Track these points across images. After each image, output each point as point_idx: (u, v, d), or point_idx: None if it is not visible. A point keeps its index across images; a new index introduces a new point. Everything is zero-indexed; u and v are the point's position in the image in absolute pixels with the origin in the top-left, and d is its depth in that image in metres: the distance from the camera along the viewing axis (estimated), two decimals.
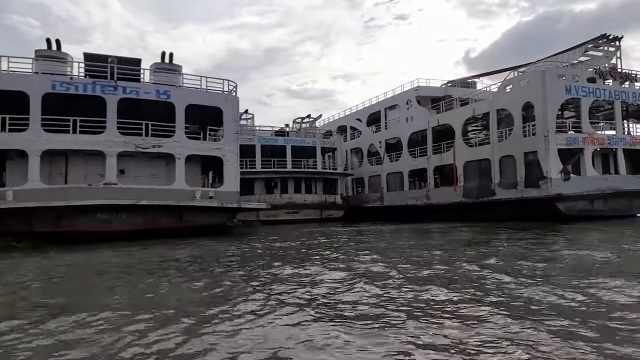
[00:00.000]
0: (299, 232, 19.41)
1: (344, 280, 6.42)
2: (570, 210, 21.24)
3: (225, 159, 19.64)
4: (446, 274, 6.78)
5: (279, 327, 4.14)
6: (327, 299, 5.25)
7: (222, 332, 3.96)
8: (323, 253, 10.38)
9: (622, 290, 5.20)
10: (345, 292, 5.61)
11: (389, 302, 4.98)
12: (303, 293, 5.58)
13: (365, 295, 5.37)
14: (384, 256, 9.24)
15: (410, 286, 5.82)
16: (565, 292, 5.19)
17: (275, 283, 6.44)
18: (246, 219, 28.54)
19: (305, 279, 6.66)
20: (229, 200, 19.23)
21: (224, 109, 19.75)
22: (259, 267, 8.39)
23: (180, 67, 22.01)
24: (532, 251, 9.52)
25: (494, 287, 5.66)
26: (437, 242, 13.13)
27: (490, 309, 4.52)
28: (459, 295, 5.22)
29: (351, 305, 4.89)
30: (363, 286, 5.93)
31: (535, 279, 6.04)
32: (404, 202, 31.14)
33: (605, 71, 23.47)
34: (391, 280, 6.35)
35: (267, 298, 5.34)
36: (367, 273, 7.03)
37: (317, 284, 6.23)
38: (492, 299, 4.96)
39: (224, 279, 6.97)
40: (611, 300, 4.81)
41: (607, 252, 8.54)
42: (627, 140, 23.86)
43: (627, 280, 5.74)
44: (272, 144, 32.61)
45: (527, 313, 4.34)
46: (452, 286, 5.73)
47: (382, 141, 34.56)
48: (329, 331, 3.91)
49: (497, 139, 24.53)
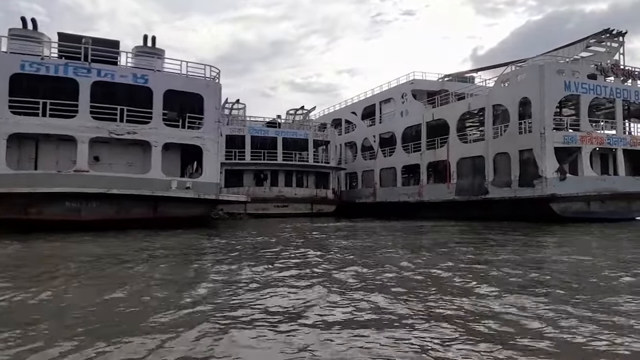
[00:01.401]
0: (282, 227, 18.59)
1: (278, 284, 5.60)
2: (565, 212, 20.37)
3: (205, 148, 18.77)
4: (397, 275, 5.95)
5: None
6: (247, 304, 4.43)
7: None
8: (284, 252, 9.55)
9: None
10: (273, 298, 4.78)
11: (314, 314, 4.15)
12: (229, 295, 4.77)
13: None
14: (342, 261, 8.40)
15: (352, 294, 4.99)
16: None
17: (201, 284, 5.62)
18: (233, 211, 27.86)
19: (240, 279, 5.84)
20: (208, 192, 18.39)
21: (205, 96, 18.86)
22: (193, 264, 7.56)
23: (162, 51, 21.13)
24: (494, 255, 8.65)
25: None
26: (404, 243, 12.29)
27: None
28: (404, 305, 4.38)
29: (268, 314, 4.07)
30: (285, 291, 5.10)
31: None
32: (397, 199, 30.30)
33: (607, 68, 22.49)
34: (341, 290, 5.51)
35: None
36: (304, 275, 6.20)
37: (246, 286, 5.41)
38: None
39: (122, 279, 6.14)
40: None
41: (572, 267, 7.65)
42: (627, 141, 22.91)
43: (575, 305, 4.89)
44: (262, 135, 31.75)
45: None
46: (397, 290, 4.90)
47: (376, 135, 33.65)
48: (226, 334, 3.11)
49: (492, 135, 23.61)
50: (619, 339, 3.44)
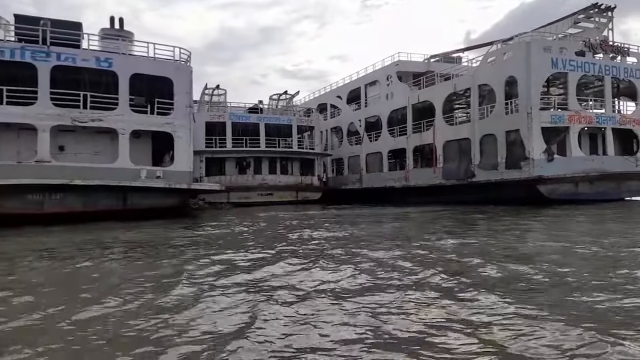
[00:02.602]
0: (258, 217, 17.82)
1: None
2: (552, 194, 19.75)
3: (176, 135, 17.87)
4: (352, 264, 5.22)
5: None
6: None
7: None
8: (247, 243, 8.78)
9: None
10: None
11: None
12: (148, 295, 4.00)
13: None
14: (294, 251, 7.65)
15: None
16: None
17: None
18: (215, 201, 27.02)
19: (177, 277, 5.07)
20: (181, 181, 17.53)
21: (174, 79, 17.89)
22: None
23: (131, 34, 20.17)
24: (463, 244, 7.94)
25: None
26: (374, 232, 11.57)
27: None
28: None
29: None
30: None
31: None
32: (383, 184, 29.58)
33: (596, 44, 21.68)
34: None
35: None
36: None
37: (172, 287, 4.64)
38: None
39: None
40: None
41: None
42: (616, 119, 22.23)
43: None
44: (244, 122, 30.76)
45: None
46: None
47: (362, 120, 32.76)
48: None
49: (478, 116, 22.85)
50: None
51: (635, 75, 22.65)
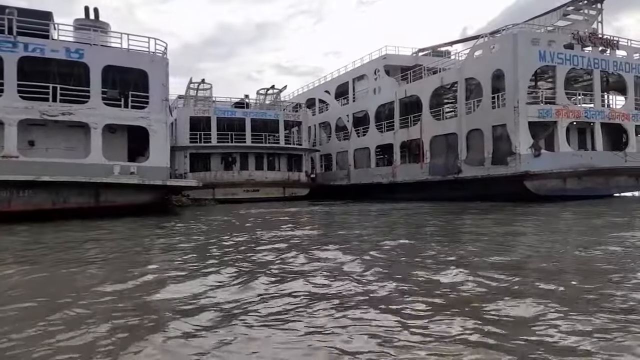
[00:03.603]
0: (238, 214, 17.32)
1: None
2: (540, 190, 19.31)
3: (151, 129, 17.27)
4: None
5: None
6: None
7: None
8: (197, 245, 8.26)
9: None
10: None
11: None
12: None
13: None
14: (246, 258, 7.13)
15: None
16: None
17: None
18: (200, 197, 26.44)
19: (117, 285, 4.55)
20: (156, 177, 16.95)
21: (150, 72, 17.29)
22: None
23: (107, 24, 19.51)
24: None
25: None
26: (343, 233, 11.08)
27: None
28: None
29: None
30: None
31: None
32: (371, 180, 29.10)
33: (585, 36, 21.21)
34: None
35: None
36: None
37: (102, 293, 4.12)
38: None
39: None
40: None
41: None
42: (605, 114, 21.78)
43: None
44: (229, 117, 30.14)
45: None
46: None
47: (349, 115, 32.22)
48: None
49: (465, 111, 22.36)
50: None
51: (624, 68, 22.22)
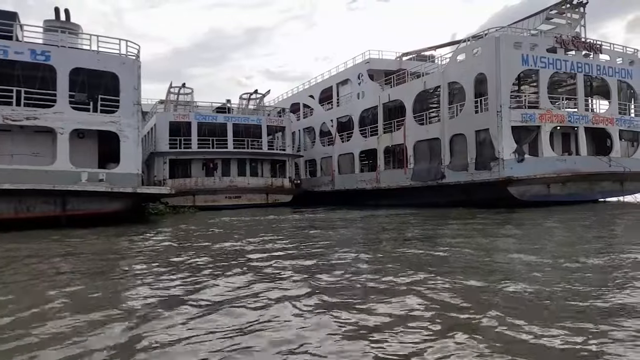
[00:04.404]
0: (213, 223, 16.72)
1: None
2: (523, 195, 18.97)
3: (122, 134, 16.59)
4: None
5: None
6: None
7: None
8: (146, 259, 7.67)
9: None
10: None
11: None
12: None
13: None
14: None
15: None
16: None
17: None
18: (180, 204, 25.72)
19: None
20: (127, 184, 16.27)
21: (120, 74, 16.63)
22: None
23: (78, 26, 18.85)
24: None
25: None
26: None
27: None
28: None
29: None
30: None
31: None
32: (355, 186, 28.62)
33: (568, 40, 20.97)
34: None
35: None
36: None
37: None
38: None
39: None
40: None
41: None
42: (589, 118, 21.52)
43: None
44: (210, 122, 29.49)
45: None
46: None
47: (333, 120, 31.75)
48: None
49: (447, 115, 21.99)
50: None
51: (607, 73, 22.03)
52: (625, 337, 3.05)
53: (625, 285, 4.61)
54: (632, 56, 23.28)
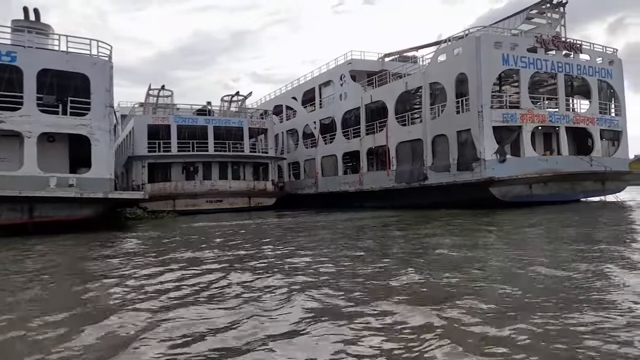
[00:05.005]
0: (188, 228, 16.23)
1: None
2: (505, 196, 18.80)
3: (93, 137, 16.03)
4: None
5: None
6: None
7: None
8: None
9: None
10: None
11: None
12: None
13: None
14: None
15: None
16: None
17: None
18: (159, 209, 25.10)
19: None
20: (99, 189, 15.70)
21: (91, 76, 16.09)
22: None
23: (48, 26, 18.28)
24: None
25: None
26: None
27: None
28: None
29: None
30: None
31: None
32: (338, 188, 28.29)
33: (548, 40, 20.92)
34: None
35: None
36: None
37: None
38: None
39: None
40: None
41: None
42: (570, 118, 21.50)
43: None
44: (190, 125, 28.90)
45: None
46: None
47: (316, 121, 31.40)
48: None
49: (429, 116, 21.78)
50: None
51: (588, 72, 22.05)
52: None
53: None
54: (611, 56, 23.37)
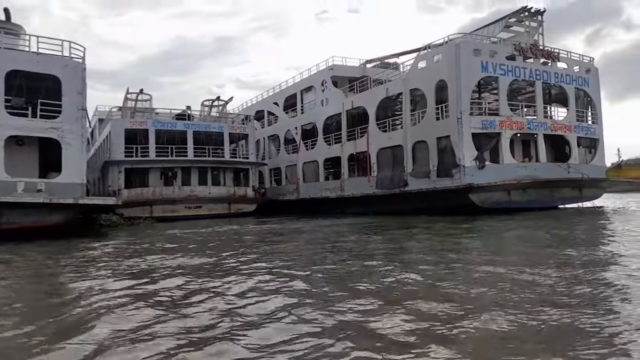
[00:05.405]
0: (158, 235, 15.78)
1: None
2: (484, 203, 18.81)
3: (64, 141, 15.53)
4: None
5: None
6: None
7: None
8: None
9: None
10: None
11: None
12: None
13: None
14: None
15: None
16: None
17: None
18: (136, 215, 24.51)
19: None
20: (70, 194, 15.18)
21: (63, 78, 15.61)
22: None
23: (19, 27, 17.75)
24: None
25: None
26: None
27: None
28: None
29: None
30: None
31: None
32: (319, 194, 28.07)
33: (526, 48, 21.12)
34: None
35: None
36: None
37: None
38: None
39: None
40: None
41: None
42: (547, 125, 21.70)
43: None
44: (169, 129, 28.42)
45: None
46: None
47: (298, 127, 31.20)
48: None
49: (410, 122, 21.77)
50: None
51: (565, 80, 22.33)
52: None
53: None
54: (588, 65, 23.73)
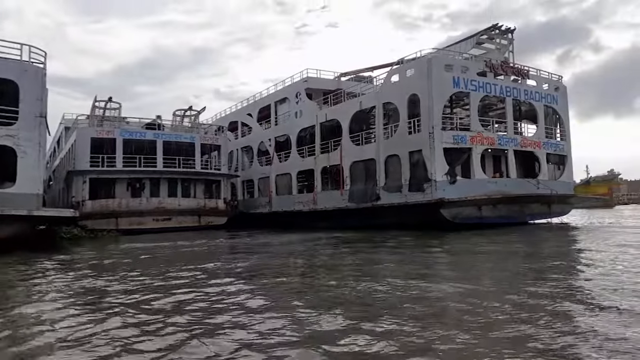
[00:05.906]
0: (114, 250, 15.10)
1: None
2: (455, 217, 18.74)
3: (19, 150, 14.77)
4: None
5: None
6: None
7: None
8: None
9: None
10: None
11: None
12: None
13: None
14: None
15: None
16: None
17: None
18: (101, 227, 23.58)
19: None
20: (24, 205, 14.39)
21: (20, 83, 14.91)
22: None
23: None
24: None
25: None
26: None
27: None
28: None
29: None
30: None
31: None
32: (292, 208, 27.63)
33: (497, 65, 21.39)
34: None
35: None
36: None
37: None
38: None
39: None
40: None
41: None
42: (517, 141, 21.93)
43: None
44: (138, 139, 27.63)
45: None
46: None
47: (272, 139, 30.80)
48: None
49: (382, 136, 21.67)
50: None
51: (535, 97, 22.67)
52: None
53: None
54: (557, 82, 24.21)
